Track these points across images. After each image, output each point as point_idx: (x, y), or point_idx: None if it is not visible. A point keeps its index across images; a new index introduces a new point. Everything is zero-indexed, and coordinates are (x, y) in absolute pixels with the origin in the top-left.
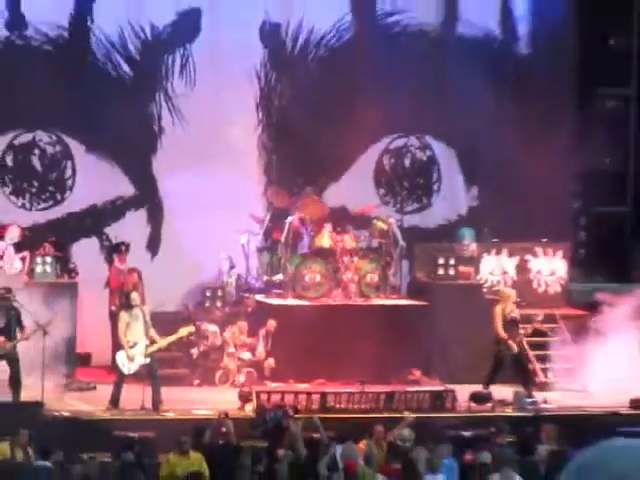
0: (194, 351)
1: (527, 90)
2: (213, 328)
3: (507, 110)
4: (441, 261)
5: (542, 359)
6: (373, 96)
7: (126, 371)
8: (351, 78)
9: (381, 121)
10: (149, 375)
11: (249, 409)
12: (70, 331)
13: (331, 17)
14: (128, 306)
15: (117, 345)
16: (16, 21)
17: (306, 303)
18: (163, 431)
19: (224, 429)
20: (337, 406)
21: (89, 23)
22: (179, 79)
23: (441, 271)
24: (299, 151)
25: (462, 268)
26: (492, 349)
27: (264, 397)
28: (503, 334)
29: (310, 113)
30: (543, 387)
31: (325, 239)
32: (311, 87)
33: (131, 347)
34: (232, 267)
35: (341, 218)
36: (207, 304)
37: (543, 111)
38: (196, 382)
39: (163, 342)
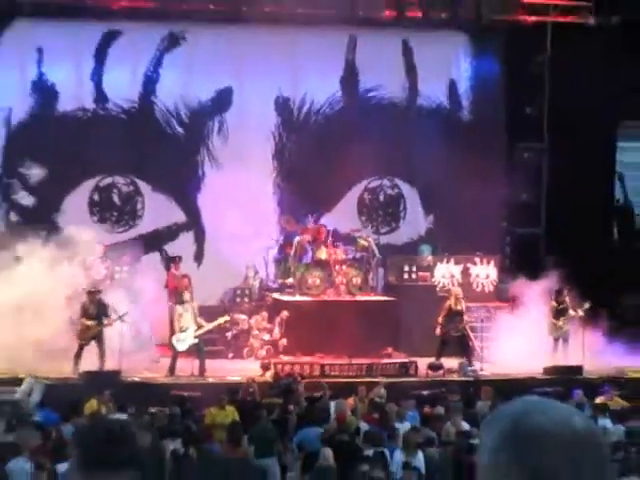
0: (229, 334)
1: (469, 144)
2: (242, 317)
3: (454, 159)
4: (406, 268)
5: (479, 339)
6: (356, 150)
7: (179, 348)
8: (340, 137)
9: (361, 168)
10: (197, 351)
11: (268, 375)
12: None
13: (326, 93)
14: (181, 302)
15: (173, 330)
16: (100, 97)
17: (309, 299)
18: (206, 392)
19: (251, 390)
20: (332, 373)
21: (153, 98)
22: (217, 137)
23: (406, 276)
24: (303, 190)
25: (421, 273)
26: (440, 332)
27: (279, 367)
28: (441, 322)
29: (310, 163)
30: (480, 359)
31: (323, 253)
32: (311, 144)
33: (183, 331)
34: (256, 273)
35: (334, 237)
36: (238, 300)
37: (480, 159)
38: (230, 356)
39: (207, 327)
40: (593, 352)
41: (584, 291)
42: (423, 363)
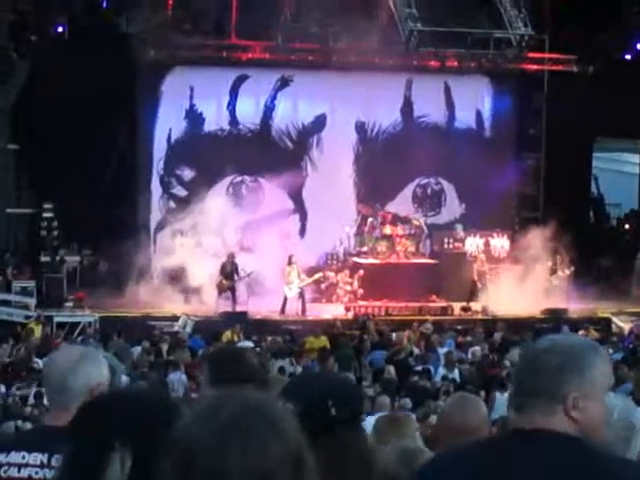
0: (322, 285)
1: (489, 154)
2: (331, 274)
3: (479, 164)
4: (445, 240)
5: (497, 289)
6: (411, 158)
7: (289, 295)
8: (399, 149)
9: (415, 170)
10: (300, 296)
11: (349, 315)
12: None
13: (390, 119)
14: (290, 263)
15: (284, 282)
16: (233, 121)
17: (378, 262)
18: (306, 326)
19: (337, 324)
20: (394, 313)
21: (271, 122)
22: (315, 149)
23: (445, 246)
24: (373, 185)
25: (456, 244)
26: (470, 285)
27: (357, 309)
28: (474, 278)
29: (379, 167)
30: (497, 303)
31: (387, 229)
32: (379, 154)
33: (290, 283)
34: (341, 243)
35: (395, 219)
36: (328, 262)
37: (497, 165)
38: (323, 301)
39: (307, 281)
40: (575, 298)
41: (570, 256)
42: (457, 306)
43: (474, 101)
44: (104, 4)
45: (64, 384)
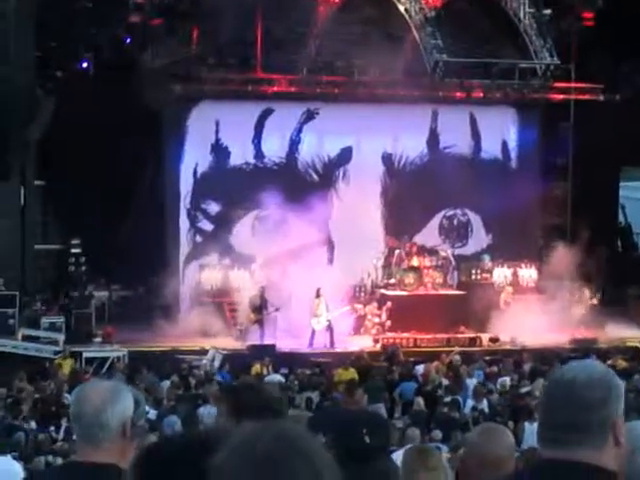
0: (351, 318)
1: (516, 185)
2: (359, 306)
3: (505, 195)
4: (473, 271)
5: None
6: (437, 189)
7: (317, 328)
8: (426, 180)
9: (441, 201)
10: (328, 329)
11: (378, 347)
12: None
13: (416, 150)
14: (317, 296)
15: (312, 315)
16: (259, 154)
17: (406, 294)
18: (335, 358)
19: (365, 356)
20: (422, 344)
21: (296, 155)
22: (341, 181)
23: (473, 277)
24: (401, 217)
25: (483, 275)
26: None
27: (385, 341)
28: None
29: (406, 198)
30: (525, 333)
31: (414, 261)
32: (406, 185)
33: (318, 316)
34: (369, 275)
35: (422, 250)
36: (357, 294)
37: (523, 195)
38: (351, 333)
39: (335, 313)
40: (603, 327)
41: (598, 285)
42: (485, 337)
43: (500, 131)
44: (128, 40)
45: (98, 420)
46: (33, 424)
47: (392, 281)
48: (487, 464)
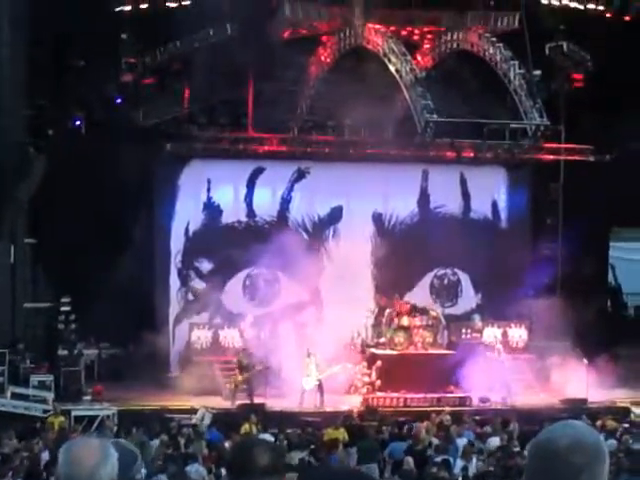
0: (340, 377)
1: (505, 245)
2: (350, 365)
3: (495, 255)
4: (463, 331)
5: (514, 380)
6: (428, 249)
7: (307, 387)
8: (417, 240)
9: (432, 261)
10: (318, 388)
11: (367, 407)
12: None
13: (407, 210)
14: (308, 356)
15: (303, 375)
16: (251, 213)
17: (395, 353)
18: (325, 417)
19: (354, 416)
20: (412, 404)
21: (287, 213)
22: (332, 240)
23: (463, 336)
24: (391, 276)
25: (474, 334)
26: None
27: (375, 400)
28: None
29: (396, 257)
30: (515, 393)
31: (405, 320)
32: (397, 244)
33: (309, 375)
34: (359, 334)
35: (413, 309)
36: (346, 353)
37: (513, 256)
38: (341, 392)
39: (325, 373)
40: (593, 388)
41: (587, 346)
42: (475, 397)
43: (490, 192)
44: (119, 99)
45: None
46: None
47: (382, 340)
48: None
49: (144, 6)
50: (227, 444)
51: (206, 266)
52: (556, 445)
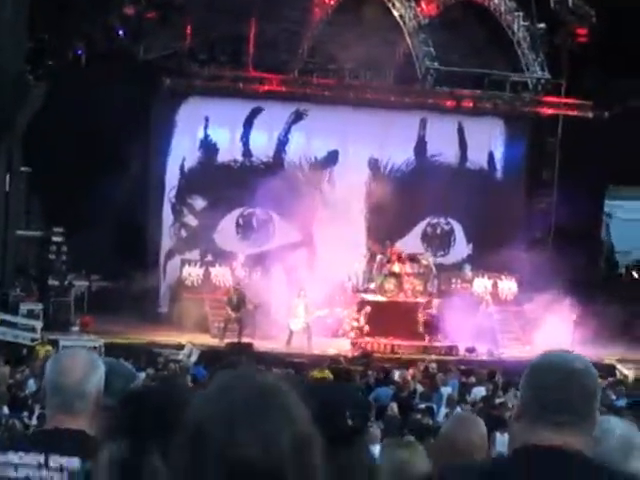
0: (329, 320)
1: (499, 197)
2: (338, 309)
3: (489, 206)
4: (453, 280)
5: (502, 332)
6: (422, 197)
7: (294, 328)
8: (411, 188)
9: (426, 209)
10: (306, 330)
11: (355, 352)
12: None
13: (403, 157)
14: (298, 297)
15: (291, 316)
16: (247, 153)
17: (385, 299)
18: (312, 360)
19: (341, 359)
20: (400, 351)
21: (283, 155)
22: (327, 184)
23: (453, 286)
24: (384, 223)
25: (464, 285)
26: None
27: (363, 345)
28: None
29: (390, 204)
30: (502, 345)
31: (396, 267)
32: (391, 192)
33: (297, 316)
34: (350, 279)
35: (404, 257)
36: (336, 297)
37: (507, 208)
38: (329, 335)
39: (314, 315)
40: (581, 344)
41: (576, 302)
42: (462, 347)
43: (487, 143)
44: (121, 31)
45: (80, 392)
46: (5, 409)
47: (372, 286)
48: (458, 450)
49: None
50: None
51: (200, 203)
52: (571, 367)
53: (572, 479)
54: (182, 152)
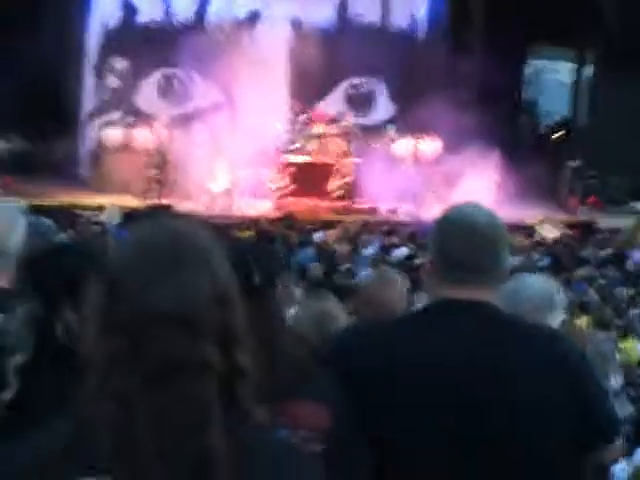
0: (251, 181)
1: (422, 57)
2: (262, 170)
3: (412, 66)
4: (376, 141)
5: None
6: (345, 57)
7: (216, 190)
8: (333, 48)
9: (348, 69)
10: (228, 192)
11: (276, 212)
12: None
13: (325, 16)
14: (219, 158)
15: (212, 177)
16: (168, 13)
17: (309, 160)
18: (233, 221)
19: (262, 221)
20: (322, 213)
21: (205, 14)
22: (249, 43)
23: (375, 146)
24: (306, 83)
25: (386, 145)
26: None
27: (285, 206)
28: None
29: (313, 65)
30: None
31: (319, 128)
32: (313, 51)
33: (218, 178)
34: (272, 140)
35: (327, 117)
36: (259, 158)
37: (429, 67)
38: (252, 196)
39: (235, 176)
40: (502, 205)
41: (501, 162)
42: (384, 207)
43: (410, 3)
44: None
45: (4, 244)
46: None
47: (295, 146)
48: (378, 306)
49: None
50: None
51: (121, 64)
52: (475, 220)
53: (474, 323)
54: (103, 12)
